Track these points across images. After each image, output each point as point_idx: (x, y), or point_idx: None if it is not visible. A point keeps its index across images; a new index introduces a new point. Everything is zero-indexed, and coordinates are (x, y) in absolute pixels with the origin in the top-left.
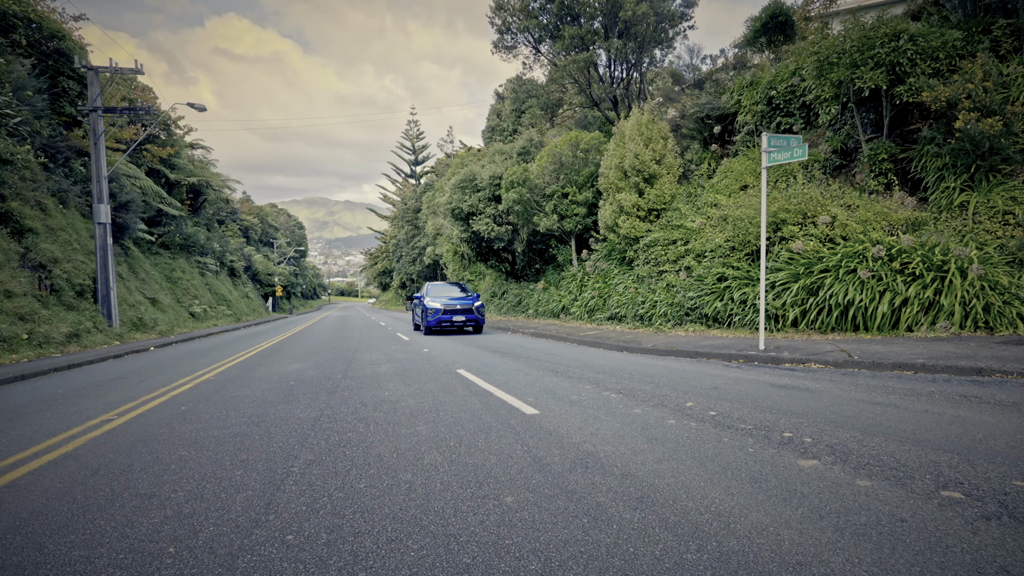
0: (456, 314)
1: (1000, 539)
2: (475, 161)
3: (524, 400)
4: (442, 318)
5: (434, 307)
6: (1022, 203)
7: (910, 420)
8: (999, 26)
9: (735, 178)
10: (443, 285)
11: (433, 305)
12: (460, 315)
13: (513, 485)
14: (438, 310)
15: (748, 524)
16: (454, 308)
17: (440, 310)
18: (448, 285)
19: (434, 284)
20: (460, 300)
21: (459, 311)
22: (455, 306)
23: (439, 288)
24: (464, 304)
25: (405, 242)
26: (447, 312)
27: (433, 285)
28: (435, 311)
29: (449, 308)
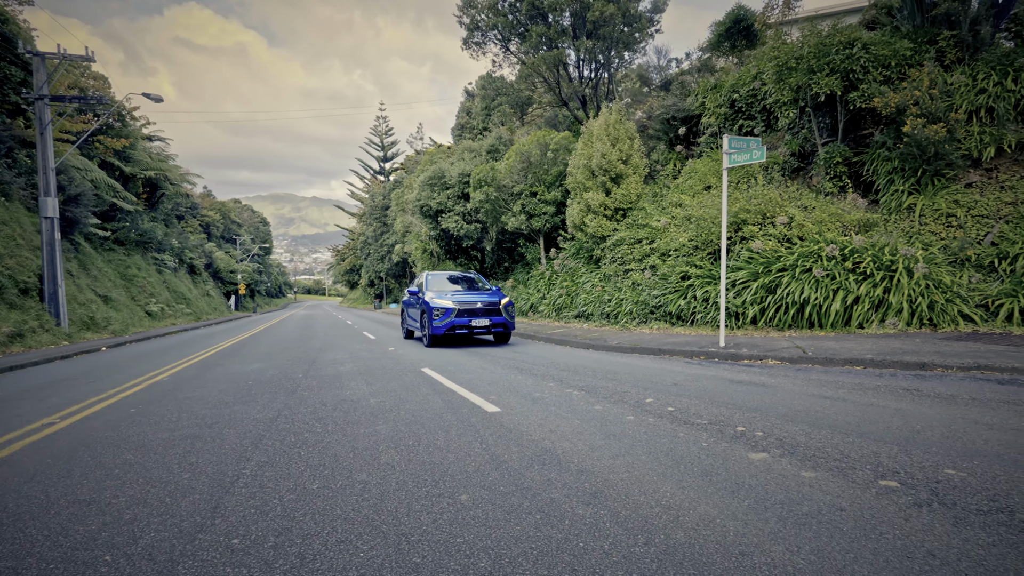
0: (477, 316)
1: (929, 524)
2: (445, 158)
3: (487, 398)
4: (455, 322)
5: (442, 306)
6: (964, 206)
7: (856, 413)
8: (944, 37)
9: (699, 179)
10: (447, 275)
11: (441, 304)
12: (482, 317)
13: (469, 483)
14: (449, 311)
15: (696, 516)
16: (473, 308)
17: (452, 311)
18: (454, 275)
19: (435, 274)
20: (479, 296)
21: (480, 311)
22: (474, 304)
23: (442, 280)
24: (487, 302)
25: (373, 239)
26: (463, 313)
27: (434, 276)
28: (444, 312)
29: (466, 308)
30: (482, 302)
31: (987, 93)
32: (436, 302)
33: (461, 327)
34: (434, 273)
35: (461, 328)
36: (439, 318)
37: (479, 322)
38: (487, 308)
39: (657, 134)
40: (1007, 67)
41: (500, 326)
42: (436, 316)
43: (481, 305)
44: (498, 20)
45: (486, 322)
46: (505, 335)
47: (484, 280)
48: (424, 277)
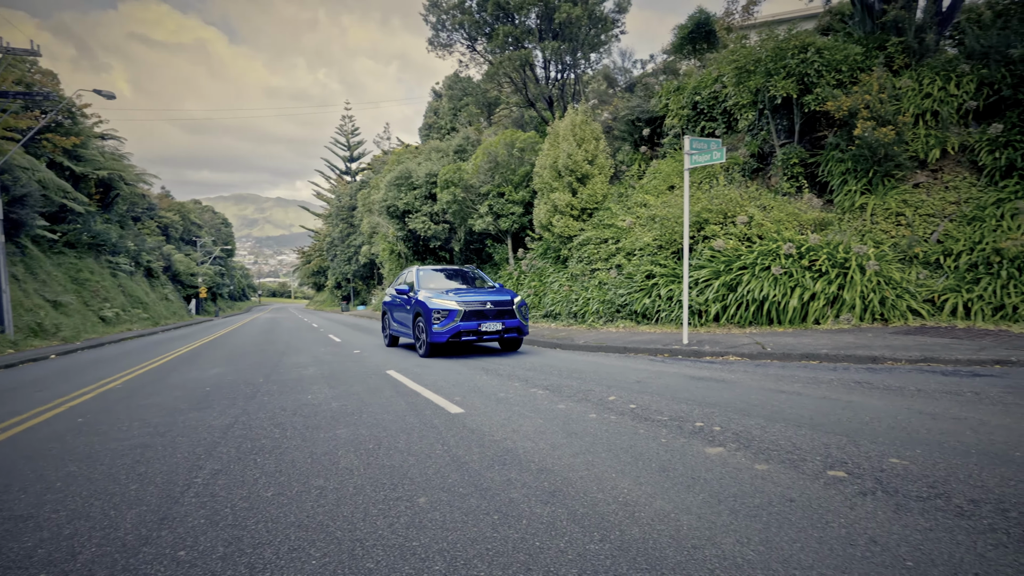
0: (486, 318)
1: (872, 512)
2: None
3: (451, 399)
4: (461, 326)
5: (444, 308)
6: (912, 205)
7: (810, 406)
8: (892, 43)
9: (663, 179)
10: (442, 270)
11: (442, 305)
12: (493, 320)
13: (428, 485)
14: (452, 312)
15: (652, 512)
16: (482, 309)
17: (457, 312)
18: (449, 270)
19: (427, 269)
20: (487, 295)
21: (491, 313)
22: (483, 305)
23: (437, 276)
24: (498, 301)
25: (340, 241)
26: (470, 316)
27: (426, 271)
28: (447, 314)
29: (474, 309)
30: (492, 302)
31: (932, 97)
32: (436, 302)
33: (468, 333)
34: (425, 268)
35: (468, 334)
36: (440, 322)
37: (489, 326)
38: (499, 309)
39: (622, 135)
40: (950, 73)
41: (514, 330)
42: (437, 320)
43: (491, 305)
44: (464, 19)
45: (497, 326)
46: (517, 341)
47: (483, 275)
48: (414, 273)
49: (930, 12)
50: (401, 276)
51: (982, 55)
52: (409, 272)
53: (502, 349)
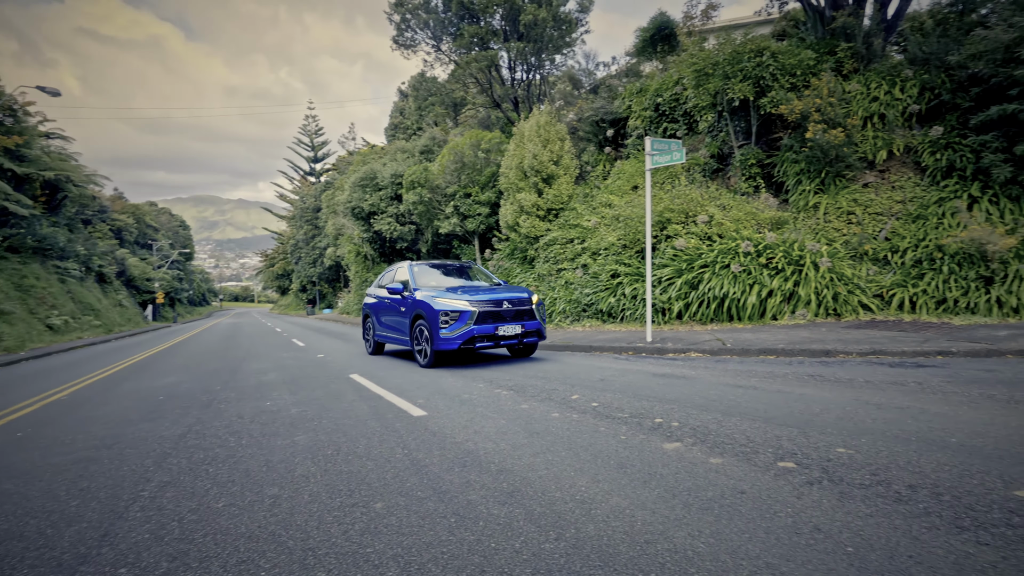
0: (504, 321)
1: (818, 501)
2: (377, 159)
3: (414, 402)
4: (476, 331)
5: (454, 308)
6: (862, 204)
7: (765, 400)
8: (842, 49)
9: (627, 179)
10: (438, 265)
11: (451, 305)
12: (511, 323)
13: (386, 490)
14: (464, 314)
15: (608, 508)
16: (498, 310)
17: (470, 314)
18: (447, 265)
19: (420, 266)
20: (501, 293)
21: (509, 314)
22: (499, 304)
23: (434, 272)
24: (515, 300)
25: (304, 243)
26: (485, 318)
27: (420, 267)
28: (457, 317)
29: (489, 310)
30: (509, 300)
31: (879, 101)
32: (443, 303)
33: (483, 338)
34: (420, 264)
35: (483, 340)
36: (449, 326)
37: (507, 330)
38: (517, 309)
39: (587, 136)
40: (895, 78)
41: (534, 334)
42: (445, 324)
43: (509, 305)
44: (429, 18)
45: (516, 329)
46: (532, 347)
47: (484, 270)
48: (407, 269)
49: (876, 19)
50: (388, 273)
51: (924, 61)
52: (400, 268)
53: (512, 355)
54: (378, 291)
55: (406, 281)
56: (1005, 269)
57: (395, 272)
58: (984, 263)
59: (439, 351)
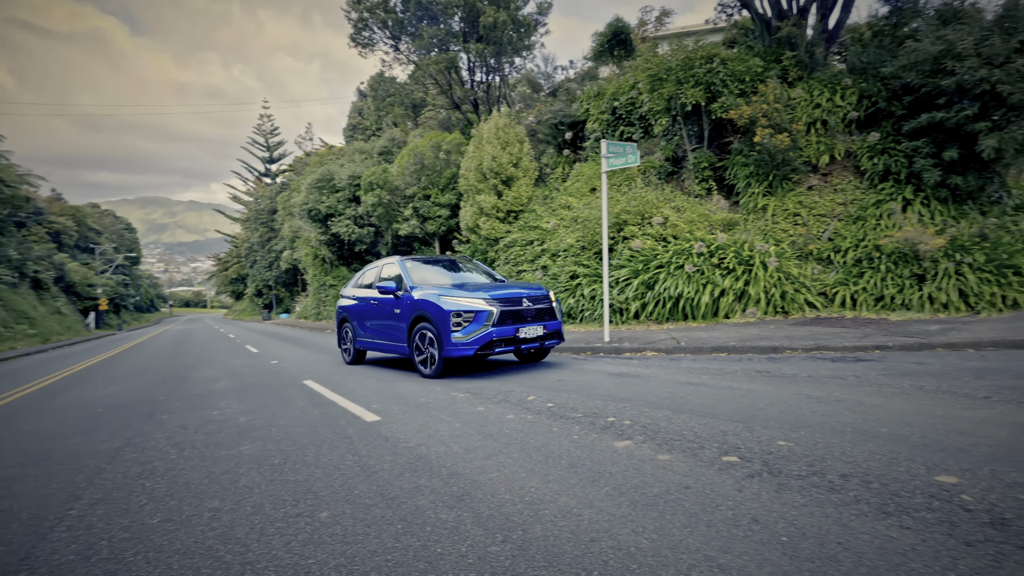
0: (525, 322)
1: (757, 493)
2: (335, 160)
3: (368, 408)
4: (495, 333)
5: (468, 307)
6: (807, 206)
7: (714, 396)
8: (787, 57)
9: (585, 181)
10: (431, 261)
11: (465, 304)
12: (533, 324)
13: (333, 499)
14: (481, 314)
15: (556, 509)
16: (519, 309)
17: (487, 315)
18: (442, 260)
19: (413, 261)
20: (520, 290)
21: (529, 314)
22: (519, 303)
23: (428, 268)
24: (534, 296)
25: (260, 246)
26: (506, 318)
27: (413, 263)
28: (472, 318)
29: (509, 309)
30: (528, 298)
31: (821, 108)
32: (453, 301)
33: (503, 342)
34: (412, 259)
35: (503, 343)
36: (463, 328)
37: (529, 331)
38: (538, 308)
39: (546, 138)
40: (836, 86)
41: (555, 336)
42: (457, 326)
43: (529, 303)
44: (388, 17)
45: (538, 330)
46: (545, 351)
47: (484, 266)
48: (398, 265)
49: (818, 30)
50: (370, 271)
51: (862, 70)
52: (388, 265)
53: (520, 361)
54: (358, 292)
55: (399, 278)
56: (936, 267)
57: (380, 270)
58: (917, 262)
59: (450, 358)
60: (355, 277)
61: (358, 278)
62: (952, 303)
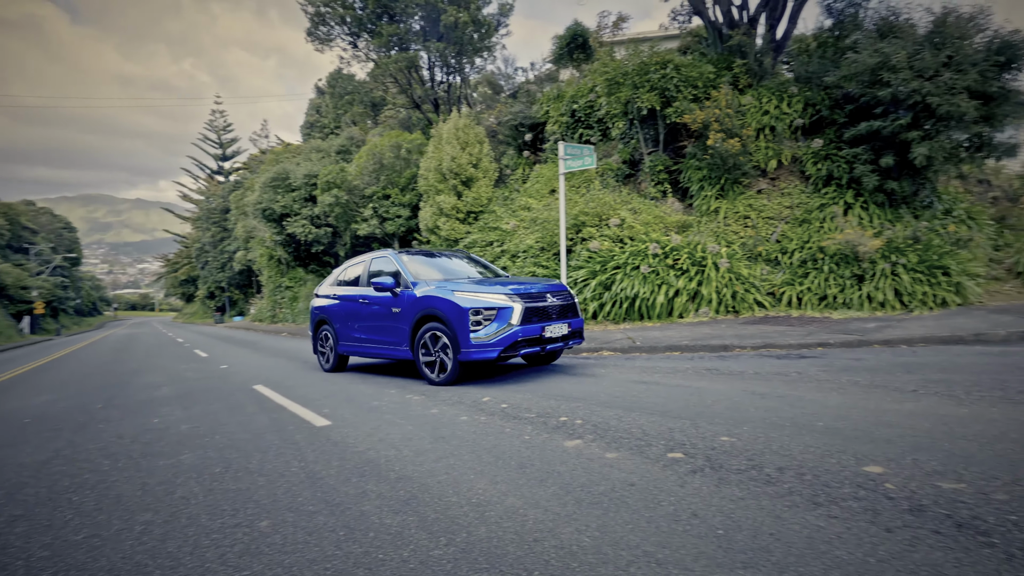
0: (550, 320)
1: (699, 488)
2: (291, 158)
3: (319, 412)
4: (519, 333)
5: (489, 304)
6: (756, 209)
7: (664, 394)
8: (738, 65)
9: (545, 183)
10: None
11: (485, 300)
12: (558, 322)
13: (275, 507)
14: (504, 312)
15: (502, 510)
16: (543, 305)
17: (510, 311)
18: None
19: (410, 255)
20: (541, 285)
21: (554, 311)
22: (543, 299)
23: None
24: (558, 292)
25: (212, 246)
26: (529, 317)
27: (410, 256)
28: (494, 315)
29: (534, 306)
30: (552, 293)
31: (769, 114)
32: (470, 297)
33: (528, 342)
34: (409, 253)
35: (528, 344)
36: (483, 327)
37: (554, 330)
38: (562, 304)
39: (506, 139)
40: (783, 93)
41: (578, 335)
42: (477, 325)
43: (553, 299)
44: (346, 13)
45: (563, 329)
46: (557, 353)
47: (484, 261)
48: (391, 259)
49: (767, 39)
50: (353, 267)
51: (807, 79)
52: (380, 259)
53: (529, 364)
54: (340, 290)
55: (396, 273)
56: (873, 268)
57: (367, 265)
58: (857, 263)
59: (468, 361)
60: (333, 274)
61: (338, 275)
62: (888, 302)
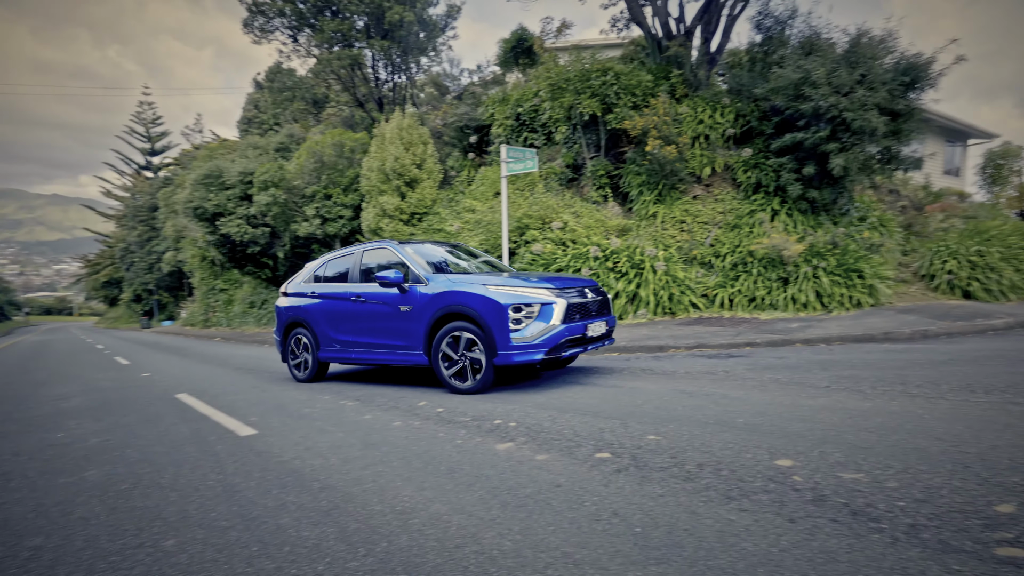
0: (591, 317)
1: (622, 487)
2: (227, 154)
3: (246, 421)
4: (565, 332)
5: (532, 299)
6: (692, 214)
7: (599, 395)
8: (675, 75)
9: (490, 185)
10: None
11: (527, 294)
12: (597, 319)
13: (184, 524)
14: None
15: (426, 517)
16: (584, 301)
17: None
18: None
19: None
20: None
21: (593, 308)
22: (583, 294)
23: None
24: (593, 288)
25: (138, 246)
26: (573, 315)
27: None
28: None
29: (577, 302)
30: (589, 288)
31: (704, 123)
32: (505, 292)
33: (573, 342)
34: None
35: (572, 344)
36: (524, 326)
37: (595, 328)
38: (600, 300)
39: (452, 141)
40: (717, 104)
41: (610, 334)
42: (517, 323)
43: (593, 295)
44: (286, 6)
45: (602, 328)
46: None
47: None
48: (393, 250)
49: (702, 52)
50: (339, 260)
51: (738, 91)
52: (377, 250)
53: (541, 368)
54: (321, 287)
55: (403, 267)
56: (797, 271)
57: (357, 258)
58: (783, 266)
59: (507, 364)
60: (306, 269)
61: (313, 270)
62: (810, 303)
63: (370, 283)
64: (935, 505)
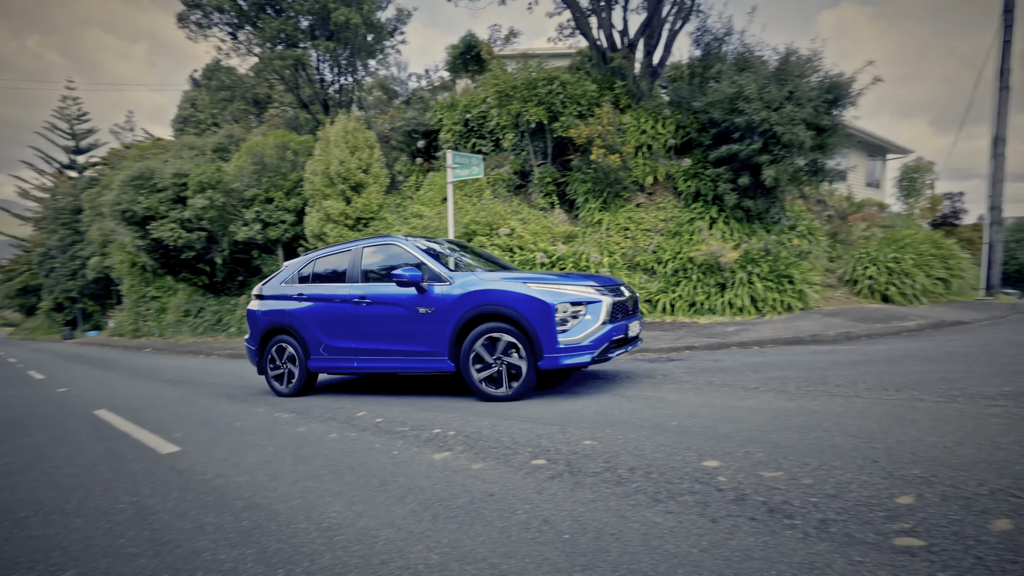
0: (630, 316)
1: (555, 494)
2: (160, 154)
3: (170, 437)
4: (612, 332)
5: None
6: (636, 221)
7: (539, 401)
8: (619, 86)
9: (438, 191)
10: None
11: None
12: (634, 319)
13: (87, 553)
14: (594, 305)
15: (353, 533)
16: (623, 299)
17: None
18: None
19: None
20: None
21: (631, 306)
22: (621, 293)
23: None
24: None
25: (60, 251)
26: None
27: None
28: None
29: (619, 300)
30: (623, 287)
31: (647, 134)
32: (551, 289)
33: (617, 343)
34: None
35: (617, 344)
36: (571, 326)
37: (634, 327)
38: (635, 299)
39: (400, 146)
40: (658, 115)
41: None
42: (564, 324)
43: (628, 293)
44: (225, 1)
45: (637, 326)
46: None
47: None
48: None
49: (645, 64)
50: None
51: (679, 104)
52: (383, 246)
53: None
54: (309, 288)
55: (420, 265)
56: (733, 277)
57: (357, 255)
58: (720, 272)
59: (553, 368)
60: (287, 269)
61: (297, 269)
62: (746, 307)
63: (374, 283)
64: (844, 500)
